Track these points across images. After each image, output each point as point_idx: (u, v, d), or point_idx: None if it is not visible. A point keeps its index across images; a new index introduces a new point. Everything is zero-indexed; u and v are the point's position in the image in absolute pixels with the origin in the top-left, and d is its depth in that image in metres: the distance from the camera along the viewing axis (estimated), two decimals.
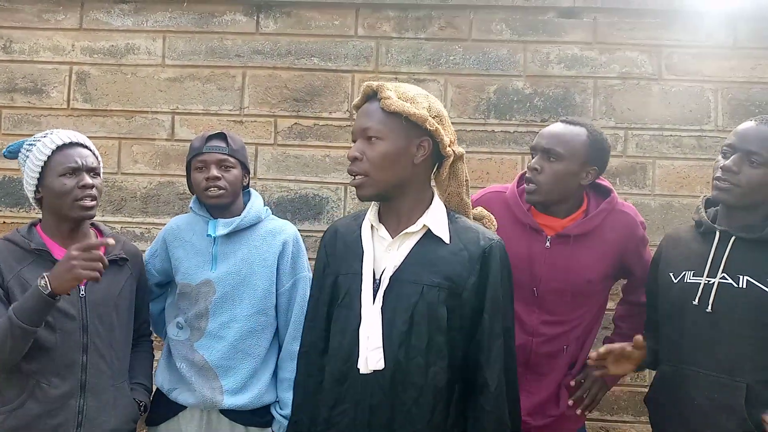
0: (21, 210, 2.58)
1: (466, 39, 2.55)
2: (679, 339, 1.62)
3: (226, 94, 2.57)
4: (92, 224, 1.81)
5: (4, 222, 2.57)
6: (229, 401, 1.78)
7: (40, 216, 1.79)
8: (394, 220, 1.41)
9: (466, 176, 1.50)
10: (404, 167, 1.39)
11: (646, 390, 2.36)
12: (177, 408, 1.83)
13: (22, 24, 2.60)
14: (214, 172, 1.82)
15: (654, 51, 2.50)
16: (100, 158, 1.76)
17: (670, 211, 2.48)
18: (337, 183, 2.54)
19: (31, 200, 1.74)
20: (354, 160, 1.37)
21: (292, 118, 2.56)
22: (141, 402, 1.77)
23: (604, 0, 2.50)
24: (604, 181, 1.93)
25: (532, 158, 1.78)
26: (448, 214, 1.44)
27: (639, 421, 2.43)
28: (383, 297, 1.33)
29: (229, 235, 1.84)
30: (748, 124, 1.60)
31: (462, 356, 1.35)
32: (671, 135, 2.49)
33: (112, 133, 2.56)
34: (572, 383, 1.85)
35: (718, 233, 1.59)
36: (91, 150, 1.74)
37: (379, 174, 1.36)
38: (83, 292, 1.66)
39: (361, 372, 1.30)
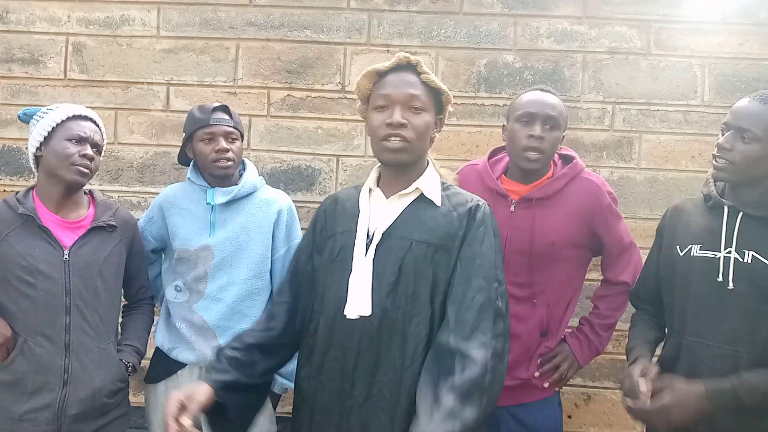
0: (20, 178, 2.64)
1: (457, 12, 2.57)
2: (684, 311, 1.65)
3: (220, 65, 2.61)
4: (88, 191, 1.87)
5: (4, 190, 2.63)
6: None
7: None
8: (391, 184, 1.49)
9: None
10: (428, 140, 1.50)
11: (624, 357, 2.45)
12: (176, 366, 1.92)
13: None
14: (223, 144, 1.89)
15: (643, 26, 2.52)
16: (105, 138, 1.85)
17: (655, 184, 2.53)
18: (329, 154, 2.59)
19: (30, 157, 1.80)
20: (401, 126, 1.42)
21: (284, 90, 2.60)
22: (129, 363, 1.83)
23: None
24: (569, 151, 1.99)
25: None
26: (442, 183, 1.53)
27: (619, 387, 2.51)
28: (375, 251, 1.42)
29: (227, 203, 1.91)
30: (742, 102, 1.62)
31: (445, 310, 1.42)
32: (658, 110, 2.53)
33: (108, 103, 2.60)
34: (542, 359, 1.92)
35: (726, 208, 1.61)
36: (100, 128, 1.83)
37: (418, 143, 1.44)
38: (66, 256, 1.72)
39: (347, 317, 1.38)
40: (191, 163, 1.99)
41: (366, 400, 1.37)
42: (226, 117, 1.92)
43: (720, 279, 1.58)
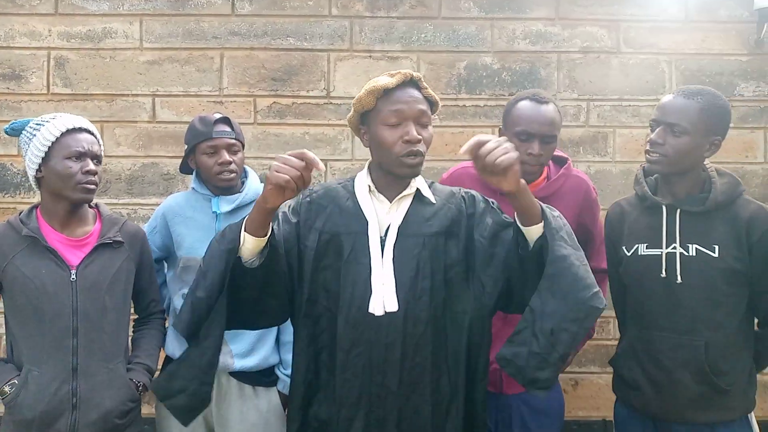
0: (6, 195, 2.62)
1: (436, 17, 2.66)
2: (641, 306, 1.76)
3: (205, 75, 2.64)
4: (94, 205, 1.85)
5: None
6: (239, 364, 1.91)
7: (27, 201, 1.84)
8: (389, 187, 1.56)
9: None
10: None
11: (610, 343, 2.57)
12: None
13: None
14: (226, 156, 1.91)
15: (612, 26, 2.65)
16: (102, 146, 1.80)
17: (630, 176, 2.63)
18: None
19: (30, 179, 1.76)
20: (419, 142, 1.49)
21: (270, 98, 2.64)
22: (139, 382, 1.80)
23: None
24: (561, 152, 2.09)
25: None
26: (426, 181, 1.63)
27: (605, 372, 2.62)
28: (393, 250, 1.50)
29: (232, 211, 1.94)
30: (667, 98, 1.73)
31: (465, 287, 1.53)
32: (630, 105, 2.66)
33: (94, 116, 2.60)
34: None
35: (664, 208, 1.72)
36: (96, 137, 1.77)
37: (424, 155, 1.54)
38: (74, 277, 1.70)
39: (376, 314, 1.46)
40: (194, 173, 2.02)
41: (399, 386, 1.46)
42: (228, 129, 1.94)
43: (663, 275, 1.69)
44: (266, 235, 1.42)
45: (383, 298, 1.46)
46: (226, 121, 1.97)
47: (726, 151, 2.66)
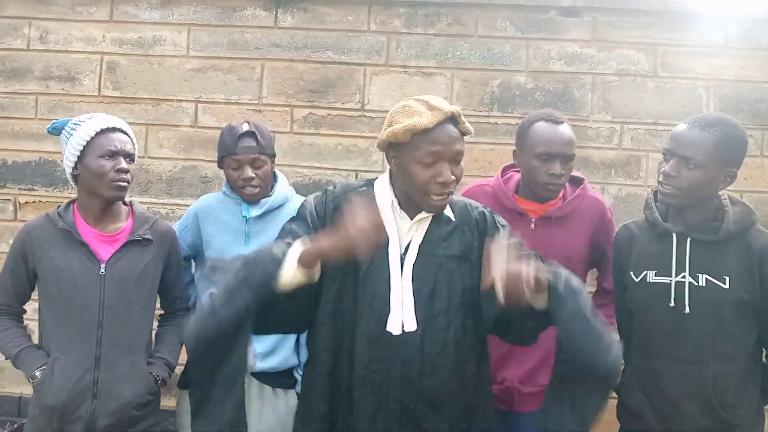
0: (55, 190, 2.78)
1: (472, 35, 2.70)
2: (648, 334, 1.73)
3: (246, 84, 2.74)
4: (128, 203, 1.93)
5: (40, 201, 2.77)
6: (261, 364, 1.96)
7: (72, 195, 1.92)
8: (410, 206, 1.56)
9: None
10: None
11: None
12: None
13: (57, 16, 2.78)
14: (249, 173, 1.96)
15: (649, 49, 2.64)
16: (136, 145, 1.88)
17: None
18: (348, 170, 2.72)
19: (68, 176, 1.86)
20: (452, 183, 1.49)
21: (307, 108, 2.73)
22: (158, 376, 1.84)
23: (603, 0, 2.64)
24: (577, 172, 2.10)
25: None
26: None
27: (611, 398, 2.59)
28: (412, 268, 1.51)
29: (261, 215, 2.00)
30: (682, 127, 1.67)
31: (478, 311, 1.53)
32: (665, 129, 2.64)
33: (140, 119, 2.74)
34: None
35: (675, 236, 1.69)
36: (129, 136, 1.83)
37: (454, 191, 1.56)
38: (103, 270, 1.78)
39: (394, 334, 1.47)
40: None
41: (417, 403, 1.47)
42: (253, 143, 1.97)
43: (672, 304, 1.65)
44: (314, 269, 1.39)
45: (402, 318, 1.47)
46: (251, 134, 1.98)
47: (765, 180, 2.62)
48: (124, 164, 1.78)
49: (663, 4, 2.62)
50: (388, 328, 1.47)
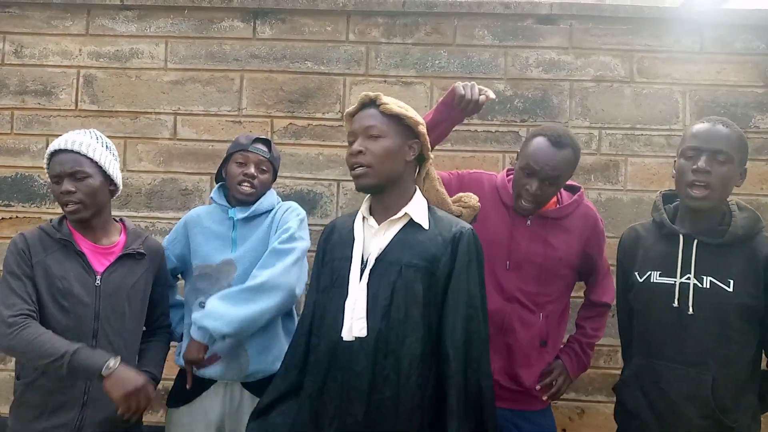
0: (33, 205, 2.74)
1: (450, 44, 2.71)
2: (649, 335, 1.74)
3: (225, 96, 2.73)
4: (120, 219, 1.96)
5: (17, 216, 2.73)
6: (253, 365, 1.94)
7: (51, 211, 1.95)
8: (382, 212, 1.59)
9: (436, 175, 1.72)
10: (399, 163, 1.58)
11: (617, 372, 2.54)
12: (200, 388, 1.97)
13: (32, 30, 2.75)
14: (252, 170, 2.02)
15: (626, 55, 2.67)
16: (95, 157, 1.80)
17: (641, 205, 2.65)
18: (330, 179, 2.71)
19: None
20: (358, 153, 1.54)
21: (287, 119, 2.72)
22: None
23: (579, 7, 2.68)
24: (572, 181, 2.12)
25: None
26: (429, 207, 1.64)
27: (611, 401, 2.58)
28: (369, 276, 1.51)
29: (247, 220, 2.02)
30: (704, 126, 1.68)
31: (436, 329, 1.51)
32: (642, 134, 2.67)
33: (118, 132, 2.71)
34: (542, 373, 2.04)
35: (681, 237, 1.69)
36: (80, 153, 1.79)
37: (380, 166, 1.54)
38: (98, 282, 1.80)
39: (344, 339, 1.47)
40: (216, 186, 2.12)
41: (365, 416, 1.45)
42: (265, 149, 2.06)
43: (676, 305, 1.66)
44: None
45: (352, 323, 1.47)
46: (266, 142, 2.08)
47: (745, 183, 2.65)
48: (67, 186, 1.77)
49: (638, 10, 2.65)
50: (342, 334, 1.48)
